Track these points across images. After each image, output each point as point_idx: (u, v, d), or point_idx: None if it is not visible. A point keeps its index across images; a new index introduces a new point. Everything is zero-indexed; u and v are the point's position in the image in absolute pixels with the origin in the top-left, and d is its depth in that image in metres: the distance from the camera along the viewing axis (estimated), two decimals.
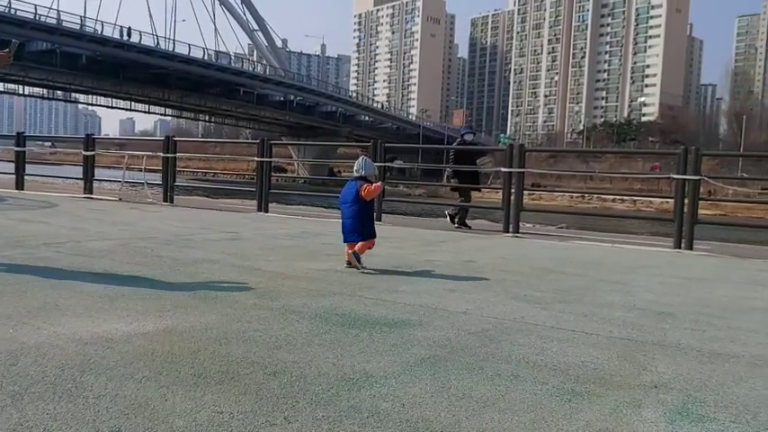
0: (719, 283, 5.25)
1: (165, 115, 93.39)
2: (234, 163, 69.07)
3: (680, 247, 7.87)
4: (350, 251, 4.88)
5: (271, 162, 11.44)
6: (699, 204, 8.14)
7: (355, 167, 5.04)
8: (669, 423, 2.00)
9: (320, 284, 4.10)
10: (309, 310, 3.31)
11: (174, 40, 66.61)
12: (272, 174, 12.13)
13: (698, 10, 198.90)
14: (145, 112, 77.41)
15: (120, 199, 12.01)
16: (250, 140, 26.14)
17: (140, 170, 12.91)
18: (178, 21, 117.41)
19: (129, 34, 59.66)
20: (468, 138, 10.47)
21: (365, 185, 4.88)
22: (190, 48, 65.33)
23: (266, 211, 10.80)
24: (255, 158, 11.22)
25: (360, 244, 4.86)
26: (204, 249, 5.59)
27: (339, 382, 2.20)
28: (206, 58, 68.14)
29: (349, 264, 4.86)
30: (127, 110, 76.52)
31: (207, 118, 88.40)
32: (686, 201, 7.97)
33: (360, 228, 4.88)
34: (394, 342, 2.77)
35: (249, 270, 4.56)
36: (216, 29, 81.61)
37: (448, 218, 10.04)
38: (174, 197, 12.03)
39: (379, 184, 5.11)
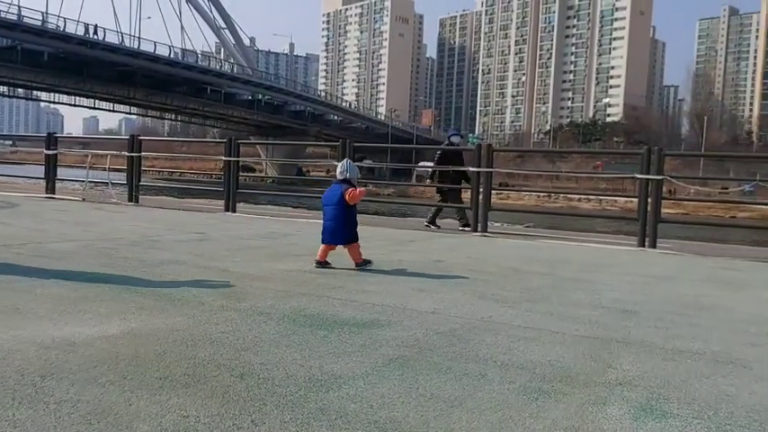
0: (682, 281, 5.36)
1: (130, 114, 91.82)
2: (201, 162, 68.30)
3: (644, 246, 8.02)
4: (323, 252, 4.93)
5: (238, 161, 11.33)
6: (662, 203, 8.31)
7: (339, 170, 5.06)
8: (634, 420, 2.03)
9: (288, 285, 4.07)
10: (277, 312, 3.28)
11: (139, 38, 65.62)
12: (240, 173, 12.01)
13: (660, 13, 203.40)
14: (109, 110, 76.12)
15: (84, 199, 11.78)
16: (217, 140, 25.87)
17: (104, 170, 12.67)
18: (143, 18, 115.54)
19: (95, 32, 58.55)
20: (455, 140, 10.51)
21: (350, 190, 4.90)
22: (155, 45, 64.45)
23: (234, 211, 10.70)
24: (223, 158, 11.10)
25: (353, 253, 4.94)
26: (170, 250, 5.51)
27: (307, 384, 2.19)
28: (172, 56, 67.21)
29: (319, 263, 4.90)
30: (91, 108, 75.16)
31: (173, 117, 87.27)
32: (650, 200, 8.13)
33: (341, 231, 4.91)
34: (362, 343, 2.77)
35: (216, 271, 4.51)
36: (182, 26, 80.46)
37: (431, 226, 9.88)
38: (140, 197, 11.84)
39: (364, 189, 5.12)
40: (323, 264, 4.91)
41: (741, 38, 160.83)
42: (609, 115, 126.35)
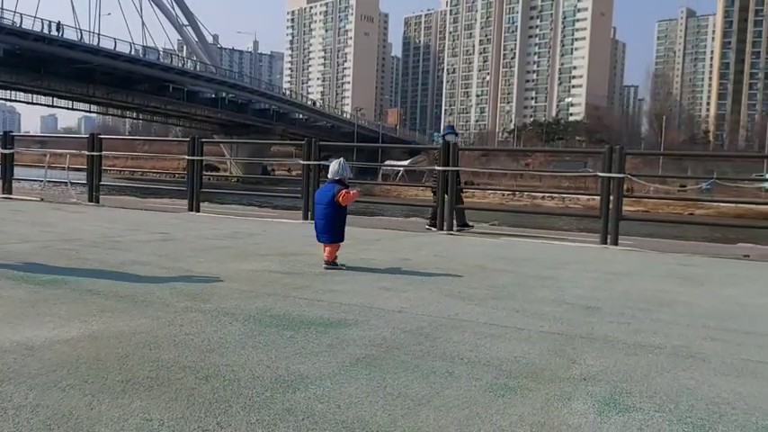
0: (643, 277, 5.47)
1: (90, 112, 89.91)
2: (164, 161, 67.23)
3: (606, 243, 8.16)
4: (326, 253, 5.02)
5: (202, 160, 11.18)
6: (623, 201, 8.46)
7: (334, 169, 5.07)
8: (598, 414, 2.06)
9: (254, 285, 4.03)
10: (243, 312, 3.25)
11: (99, 35, 64.25)
12: (204, 172, 11.86)
13: (621, 14, 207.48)
14: (68, 108, 74.31)
15: (42, 199, 11.49)
16: (180, 138, 25.47)
17: (64, 169, 12.38)
18: (103, 14, 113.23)
19: (58, 29, 57.11)
20: (450, 139, 10.00)
21: (343, 192, 4.94)
22: (116, 42, 63.17)
23: (198, 210, 10.56)
24: (186, 157, 10.94)
25: (328, 250, 4.99)
26: (133, 251, 5.41)
27: (273, 385, 2.17)
28: (133, 53, 65.99)
29: (327, 264, 4.98)
30: (49, 106, 73.33)
31: (134, 115, 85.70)
32: (611, 198, 8.27)
33: (330, 230, 4.97)
34: (329, 342, 2.75)
35: (180, 272, 4.44)
36: (143, 23, 79.18)
37: (431, 229, 9.40)
38: (101, 197, 11.60)
39: (356, 191, 5.20)
40: (329, 263, 5.02)
41: (698, 39, 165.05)
42: (571, 114, 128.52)
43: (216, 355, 2.48)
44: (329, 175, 5.11)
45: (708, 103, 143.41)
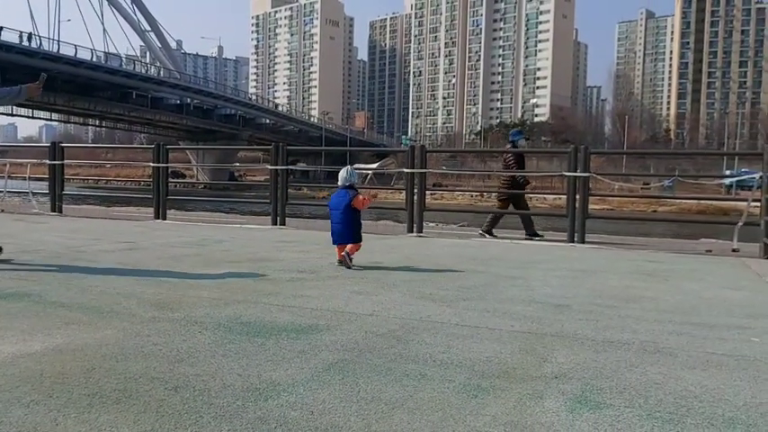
0: (610, 274, 5.55)
1: (51, 120, 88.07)
2: (128, 169, 66.17)
3: (573, 241, 8.27)
4: (342, 253, 5.32)
5: (167, 167, 11.03)
6: (589, 200, 8.59)
7: (343, 176, 5.46)
8: (570, 412, 2.08)
9: (223, 293, 3.98)
10: (212, 321, 3.20)
11: (58, 41, 63.03)
12: (170, 179, 11.69)
13: (582, 16, 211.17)
14: (28, 117, 72.72)
15: (3, 210, 11.20)
16: (145, 146, 25.09)
17: (25, 179, 12.09)
18: (63, 20, 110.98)
19: (30, 39, 55.78)
20: (522, 143, 9.77)
21: (357, 197, 5.35)
22: (76, 49, 62.02)
23: (164, 218, 10.41)
24: (151, 164, 10.78)
25: (350, 246, 5.32)
26: (97, 261, 5.30)
27: (245, 394, 2.14)
28: (94, 59, 64.85)
29: (340, 262, 5.31)
30: (8, 115, 71.60)
31: (97, 123, 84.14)
32: (577, 196, 8.39)
33: (349, 233, 5.33)
34: (301, 348, 2.73)
35: (147, 280, 4.36)
36: (104, 29, 77.81)
37: (487, 236, 9.06)
38: (64, 207, 11.36)
39: (370, 197, 5.70)
40: (341, 261, 5.32)
41: (658, 40, 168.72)
42: (536, 115, 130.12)
43: (185, 365, 2.44)
44: (339, 183, 5.50)
45: (668, 103, 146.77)
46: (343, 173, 5.52)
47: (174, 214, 11.50)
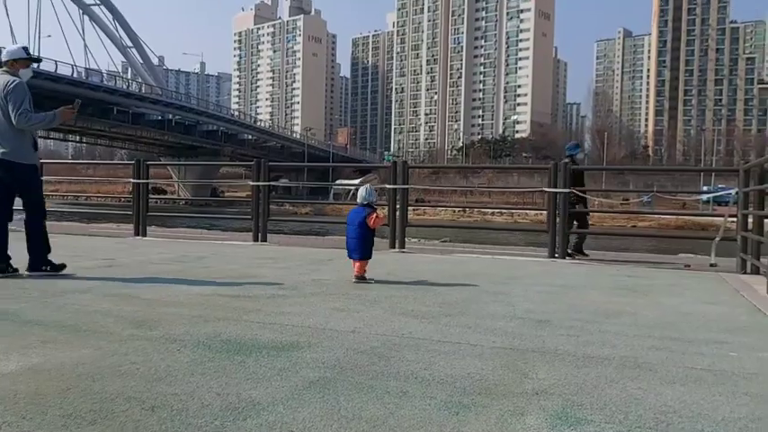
0: (590, 289, 5.59)
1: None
2: (109, 185, 65.55)
3: (554, 256, 8.32)
4: (357, 270, 5.55)
5: (148, 184, 10.94)
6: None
7: (362, 195, 5.69)
8: (551, 428, 2.08)
9: (203, 310, 3.94)
10: (192, 338, 3.17)
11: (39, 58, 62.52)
12: (151, 195, 11.60)
13: (562, 34, 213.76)
14: None
15: None
16: (125, 162, 24.88)
17: None
18: (43, 36, 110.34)
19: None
20: (580, 156, 9.51)
21: (373, 215, 5.57)
22: (57, 64, 61.60)
23: (144, 235, 10.31)
24: (131, 180, 10.70)
25: (358, 266, 5.54)
26: (75, 278, 5.23)
27: (224, 413, 2.11)
28: (75, 75, 64.45)
29: (358, 278, 5.50)
30: None
31: (78, 138, 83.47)
32: (558, 212, 8.45)
33: (362, 248, 5.53)
34: (282, 366, 2.71)
35: (126, 298, 4.31)
36: (86, 45, 77.67)
37: (575, 256, 8.69)
38: None
39: (384, 215, 6.08)
40: (359, 277, 5.53)
41: (635, 58, 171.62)
42: (517, 132, 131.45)
43: (163, 384, 2.40)
44: (358, 200, 5.71)
45: (646, 120, 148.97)
46: (362, 191, 5.78)
47: (155, 231, 11.40)
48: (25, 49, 5.50)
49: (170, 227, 14.36)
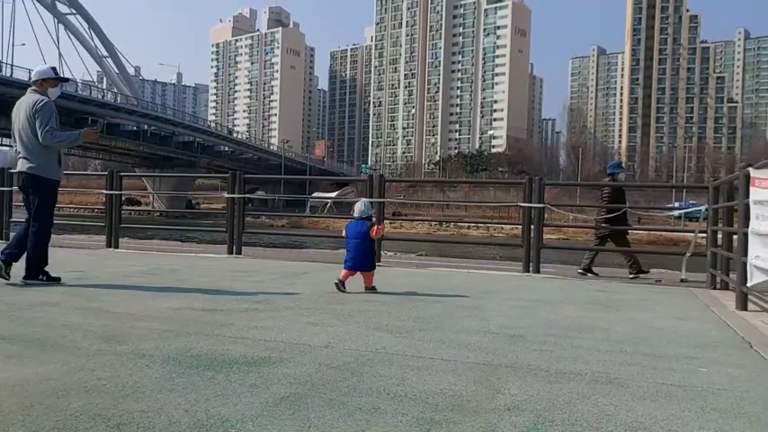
0: (564, 304, 5.62)
1: (2, 145, 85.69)
2: (81, 196, 64.59)
3: (529, 271, 8.37)
4: (345, 275, 5.72)
5: (121, 195, 10.80)
6: (544, 230, 8.73)
7: (360, 209, 5.90)
8: None
9: (174, 324, 3.88)
10: (161, 353, 3.11)
11: (12, 65, 61.73)
12: (125, 207, 11.44)
13: (537, 51, 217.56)
14: None
15: None
16: (99, 172, 24.54)
17: None
18: (17, 44, 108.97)
19: None
20: (622, 176, 9.24)
21: (374, 227, 5.81)
22: (30, 74, 60.73)
23: (116, 246, 10.17)
24: (104, 191, 10.55)
25: (366, 277, 5.81)
26: (43, 291, 5.12)
27: (191, 430, 2.07)
28: None
29: (341, 282, 5.67)
30: None
31: None
32: (533, 227, 8.51)
33: (365, 260, 5.77)
34: (252, 382, 2.67)
35: (95, 312, 4.23)
36: (60, 54, 76.71)
37: (586, 273, 8.54)
38: (11, 235, 10.97)
39: (383, 226, 6.49)
40: (343, 284, 5.68)
41: (609, 75, 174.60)
42: (494, 147, 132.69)
43: (130, 401, 2.35)
44: (356, 215, 5.92)
45: (620, 136, 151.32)
46: (360, 205, 5.96)
47: (128, 243, 11.25)
48: (54, 69, 5.79)
49: (143, 239, 14.17)
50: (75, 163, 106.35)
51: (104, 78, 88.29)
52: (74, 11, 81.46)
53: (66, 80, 6.93)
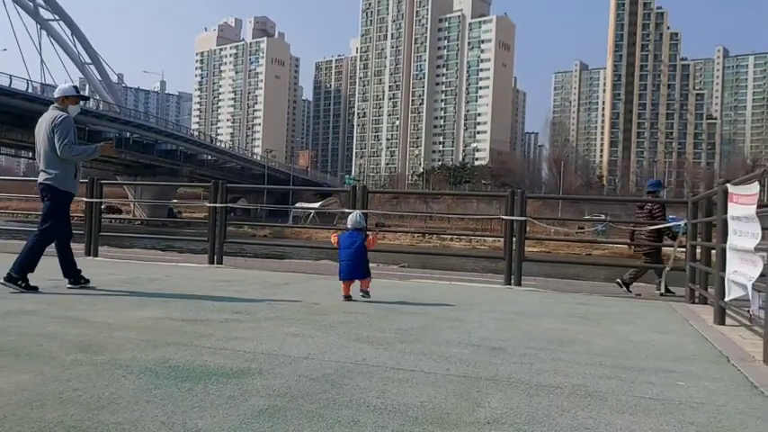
0: (544, 316, 5.64)
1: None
2: None
3: (510, 283, 8.39)
4: (347, 287, 5.94)
5: (101, 203, 10.70)
6: (525, 243, 8.76)
7: (354, 220, 6.10)
8: None
9: (153, 334, 3.84)
10: (139, 364, 3.07)
11: None
12: (106, 215, 11.33)
13: (521, 65, 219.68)
14: None
15: None
16: (80, 180, 24.25)
17: None
18: None
19: None
20: (662, 194, 9.31)
21: (369, 238, 6.07)
22: (11, 79, 60.20)
23: (96, 255, 10.04)
24: (84, 199, 10.43)
25: (365, 282, 6.00)
26: (19, 299, 5.04)
27: None
28: (30, 90, 63.02)
29: (347, 297, 5.88)
30: None
31: (30, 155, 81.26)
32: (514, 239, 8.55)
33: (360, 270, 5.95)
34: (231, 394, 2.64)
35: (72, 321, 4.17)
36: (42, 60, 76.02)
37: (623, 287, 8.37)
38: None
39: (377, 236, 6.89)
40: (349, 297, 5.90)
41: (591, 90, 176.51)
42: (477, 159, 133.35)
43: (106, 413, 2.32)
44: (350, 226, 6.10)
45: (601, 150, 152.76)
46: (353, 217, 6.15)
47: (108, 251, 11.12)
48: (75, 87, 6.18)
49: (124, 247, 14.02)
50: None
51: (87, 85, 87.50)
52: (57, 17, 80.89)
53: (87, 98, 7.33)
